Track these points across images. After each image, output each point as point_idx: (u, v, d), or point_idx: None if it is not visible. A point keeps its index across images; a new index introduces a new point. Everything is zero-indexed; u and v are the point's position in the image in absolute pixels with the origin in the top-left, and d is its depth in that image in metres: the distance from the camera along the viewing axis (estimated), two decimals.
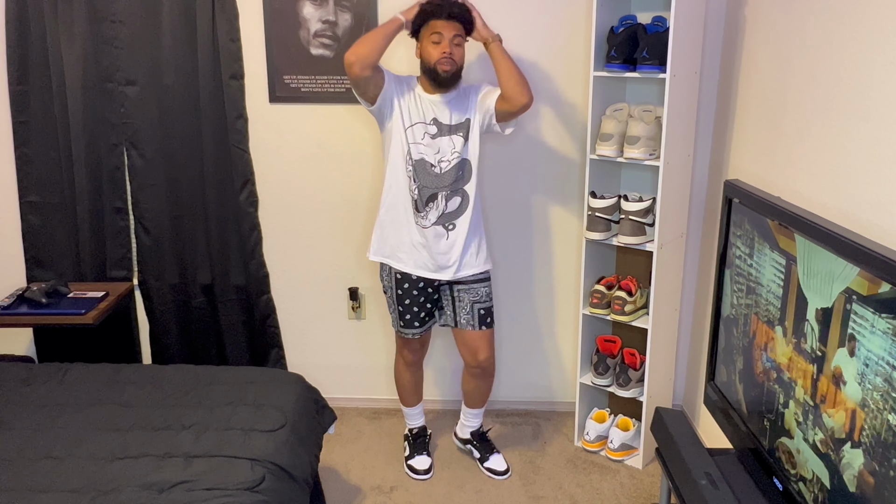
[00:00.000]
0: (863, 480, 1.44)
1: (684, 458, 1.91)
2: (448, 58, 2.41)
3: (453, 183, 2.53)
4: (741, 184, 2.08)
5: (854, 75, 1.79)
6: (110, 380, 2.42)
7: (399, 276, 2.64)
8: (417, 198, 2.54)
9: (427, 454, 2.88)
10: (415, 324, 2.69)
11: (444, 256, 2.58)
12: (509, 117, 2.49)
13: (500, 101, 2.45)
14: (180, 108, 2.97)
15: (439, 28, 2.41)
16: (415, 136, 2.51)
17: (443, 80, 2.44)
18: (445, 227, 2.56)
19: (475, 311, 2.66)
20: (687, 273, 3.03)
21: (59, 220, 3.10)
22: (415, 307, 2.67)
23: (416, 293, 2.65)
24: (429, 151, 2.51)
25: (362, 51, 2.37)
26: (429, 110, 2.51)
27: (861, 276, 1.44)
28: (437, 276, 2.61)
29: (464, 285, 2.64)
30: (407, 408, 2.93)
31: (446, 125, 2.51)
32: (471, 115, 2.52)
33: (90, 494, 1.85)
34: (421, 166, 2.52)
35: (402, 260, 2.61)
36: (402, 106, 2.51)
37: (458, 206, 2.56)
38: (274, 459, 2.01)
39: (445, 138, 2.51)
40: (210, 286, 3.16)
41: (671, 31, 2.43)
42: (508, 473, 2.81)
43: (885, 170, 1.65)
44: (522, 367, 3.25)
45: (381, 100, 2.48)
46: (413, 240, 2.58)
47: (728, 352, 2.13)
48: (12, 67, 2.93)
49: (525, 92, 2.40)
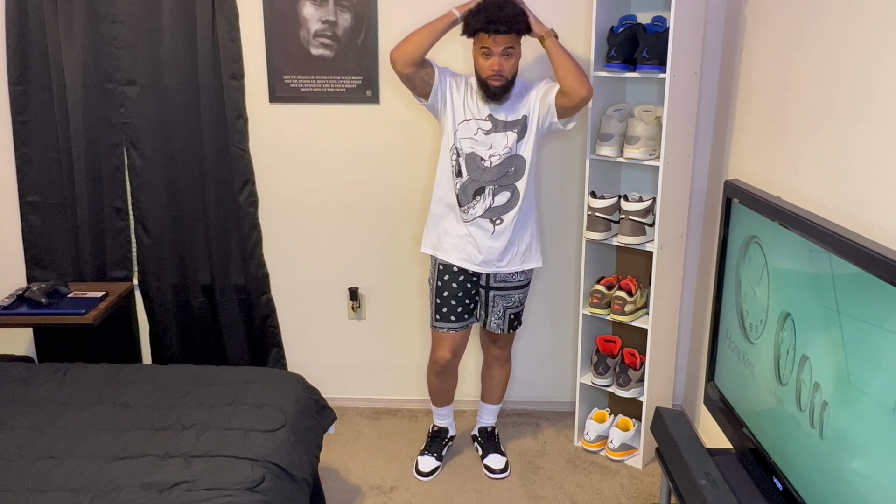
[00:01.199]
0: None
1: (684, 458, 1.91)
2: (497, 74, 2.40)
3: (501, 178, 2.53)
4: (741, 184, 2.08)
5: (854, 75, 1.79)
6: (110, 380, 2.42)
7: (441, 266, 2.65)
8: (460, 192, 2.55)
9: (436, 457, 2.86)
10: (451, 318, 2.67)
11: (489, 250, 2.58)
12: (570, 112, 2.48)
13: (560, 95, 2.44)
14: (180, 108, 2.97)
15: (488, 43, 2.38)
16: (466, 131, 2.52)
17: (494, 93, 2.44)
18: (492, 221, 2.56)
19: (506, 315, 2.71)
20: (687, 273, 3.03)
21: (59, 220, 3.10)
22: (452, 300, 2.66)
23: (456, 286, 2.65)
24: (480, 146, 2.52)
25: (406, 48, 2.40)
26: (484, 106, 2.51)
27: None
28: (479, 269, 2.62)
29: (499, 291, 2.67)
30: (434, 406, 2.94)
31: (501, 121, 2.51)
32: (528, 112, 2.51)
33: (90, 494, 1.85)
34: (471, 160, 2.53)
35: (446, 251, 2.63)
36: (457, 101, 2.51)
37: (506, 201, 2.55)
38: (274, 459, 2.01)
39: (500, 134, 2.51)
40: (210, 286, 3.16)
41: (671, 31, 2.43)
42: (505, 473, 2.81)
43: (885, 170, 1.65)
44: (523, 366, 3.24)
45: (433, 96, 2.50)
46: (458, 232, 2.60)
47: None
48: (12, 67, 2.93)
49: (584, 83, 2.39)
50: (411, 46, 2.40)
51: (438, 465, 2.85)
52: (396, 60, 2.41)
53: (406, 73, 2.43)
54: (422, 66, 2.44)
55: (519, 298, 2.71)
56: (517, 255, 2.62)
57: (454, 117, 2.52)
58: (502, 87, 2.43)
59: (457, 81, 2.53)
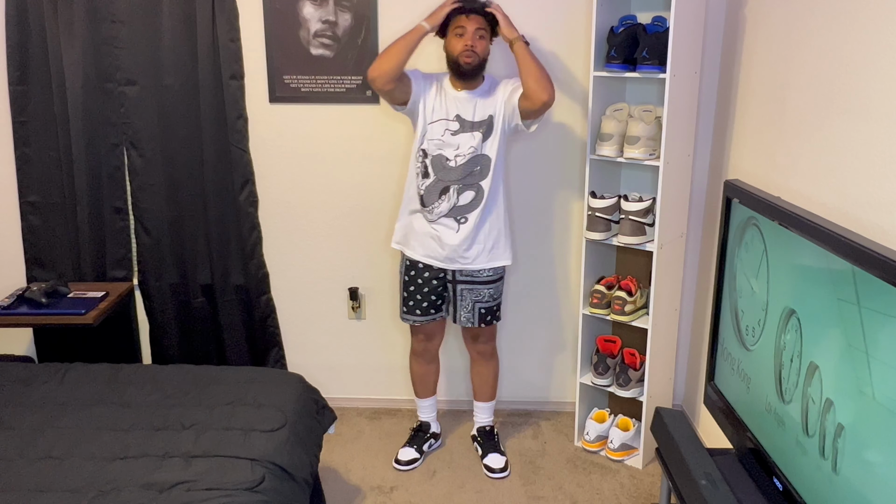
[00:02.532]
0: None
1: (684, 458, 1.91)
2: (470, 50, 2.47)
3: (466, 177, 2.56)
4: (741, 184, 2.08)
5: (854, 75, 1.79)
6: (110, 380, 2.41)
7: (408, 262, 2.72)
8: (424, 193, 2.60)
9: (416, 449, 2.90)
10: (416, 311, 2.75)
11: (453, 248, 2.61)
12: (532, 115, 2.52)
13: (522, 98, 2.48)
14: (180, 108, 2.97)
15: (462, 22, 2.48)
16: (434, 132, 2.56)
17: (465, 71, 2.51)
18: (457, 220, 2.60)
19: (476, 309, 2.71)
20: (687, 273, 3.03)
21: (59, 220, 3.10)
22: (418, 295, 2.72)
23: (421, 282, 2.71)
24: (446, 147, 2.56)
25: (384, 66, 2.44)
26: (453, 107, 2.56)
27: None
28: (444, 265, 2.66)
29: (467, 285, 2.68)
30: (416, 398, 2.98)
31: (469, 121, 2.55)
32: (494, 111, 2.55)
33: (90, 494, 1.84)
34: (438, 161, 2.57)
35: (413, 248, 2.69)
36: (427, 103, 2.56)
37: (471, 199, 2.59)
38: (274, 459, 2.01)
39: (466, 134, 2.55)
40: (210, 286, 3.16)
41: (671, 31, 2.43)
42: (504, 473, 2.81)
43: (885, 170, 1.65)
44: (523, 367, 3.25)
45: (412, 103, 2.56)
46: (424, 230, 2.64)
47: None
48: (12, 67, 2.93)
49: (545, 88, 2.42)
50: (389, 64, 2.44)
51: (418, 458, 2.88)
52: (377, 79, 2.44)
53: (388, 89, 2.47)
54: (399, 79, 2.48)
55: (489, 294, 2.71)
56: (483, 253, 2.64)
57: (425, 119, 2.57)
58: (474, 65, 2.49)
59: (429, 83, 2.58)
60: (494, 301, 2.74)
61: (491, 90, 2.59)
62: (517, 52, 2.48)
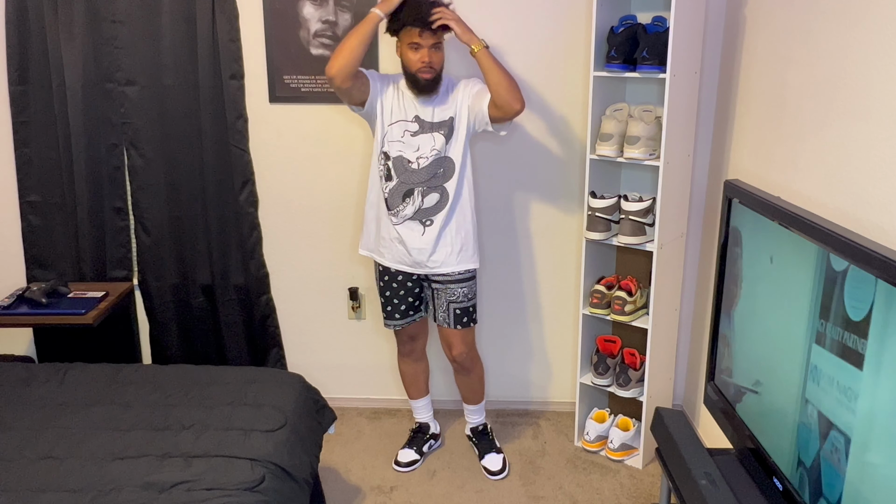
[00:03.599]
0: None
1: (684, 458, 1.91)
2: (427, 66, 2.41)
3: (430, 179, 2.53)
4: (741, 184, 2.08)
5: (854, 75, 1.79)
6: (110, 380, 2.42)
7: (381, 268, 2.71)
8: (388, 196, 2.57)
9: (416, 451, 2.89)
10: (395, 316, 2.74)
11: (419, 251, 2.59)
12: (503, 121, 2.49)
13: (492, 107, 2.44)
14: (180, 108, 2.97)
15: (416, 38, 2.39)
16: (393, 134, 2.53)
17: (424, 86, 2.45)
18: (422, 223, 2.57)
19: (451, 310, 2.68)
20: (687, 273, 3.03)
21: (59, 220, 3.10)
22: (395, 300, 2.72)
23: (396, 286, 2.70)
24: (407, 149, 2.53)
25: (341, 62, 2.35)
26: (411, 108, 2.52)
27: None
28: (413, 270, 2.64)
29: (440, 284, 2.66)
30: (410, 400, 2.97)
31: (428, 122, 2.52)
32: (455, 113, 2.52)
33: (90, 494, 1.85)
34: (399, 163, 2.54)
35: (382, 255, 2.67)
36: (385, 105, 2.52)
37: (435, 202, 2.56)
38: (274, 459, 2.01)
39: (427, 135, 2.52)
40: (210, 286, 3.16)
41: (671, 31, 2.43)
42: (502, 474, 2.80)
43: (885, 170, 1.65)
44: (522, 367, 3.25)
45: (369, 104, 2.51)
46: (390, 235, 2.61)
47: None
48: (12, 67, 2.93)
49: (516, 98, 2.38)
50: (345, 58, 2.35)
51: (418, 459, 2.88)
52: (335, 77, 2.36)
53: (346, 87, 2.40)
54: (357, 77, 2.42)
55: (463, 293, 2.66)
56: (450, 255, 2.60)
57: (384, 121, 2.53)
58: (432, 79, 2.45)
59: (385, 84, 2.54)
60: (469, 301, 2.69)
61: (448, 90, 2.53)
62: (482, 62, 2.38)
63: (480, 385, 2.90)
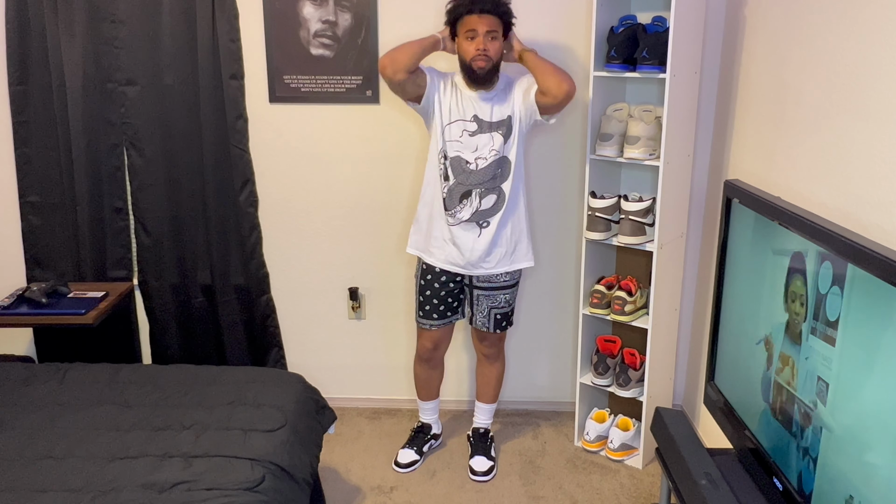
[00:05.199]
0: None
1: (684, 458, 1.91)
2: (483, 54, 2.42)
3: (489, 181, 2.53)
4: (741, 184, 2.08)
5: (854, 75, 1.79)
6: (110, 380, 2.42)
7: (425, 266, 2.69)
8: (447, 196, 2.56)
9: (416, 451, 2.89)
10: (433, 315, 2.72)
11: (473, 253, 2.58)
12: (553, 109, 2.49)
13: (540, 95, 2.45)
14: (180, 108, 2.97)
15: (473, 24, 2.41)
16: (452, 133, 2.52)
17: (478, 76, 2.45)
18: (479, 224, 2.57)
19: (492, 315, 2.70)
20: (687, 273, 3.03)
21: (59, 220, 3.10)
22: (434, 299, 2.69)
23: (438, 286, 2.68)
24: (465, 149, 2.52)
25: (398, 56, 2.41)
26: (469, 107, 2.52)
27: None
28: (464, 271, 2.63)
29: (483, 291, 2.67)
30: (419, 400, 2.97)
31: (487, 122, 2.52)
32: (512, 111, 2.52)
33: (90, 494, 1.84)
34: (457, 163, 2.53)
35: (433, 254, 2.65)
36: (444, 104, 2.52)
37: (493, 203, 2.56)
38: (274, 459, 2.01)
39: (485, 135, 2.51)
40: (210, 286, 3.16)
41: (671, 31, 2.43)
42: (487, 477, 2.79)
43: (885, 170, 1.65)
44: (522, 367, 3.25)
45: (426, 100, 2.51)
46: (444, 235, 2.60)
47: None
48: (12, 67, 2.92)
49: (565, 81, 2.40)
50: (403, 56, 2.41)
51: (418, 459, 2.87)
52: (388, 66, 2.41)
53: (396, 79, 2.43)
54: (413, 72, 2.45)
55: (506, 299, 2.70)
56: (504, 256, 2.62)
57: (442, 120, 2.53)
58: (487, 69, 2.44)
59: (444, 82, 2.55)
60: (510, 306, 2.74)
61: (507, 89, 2.54)
62: (528, 62, 2.46)
63: (499, 383, 2.92)
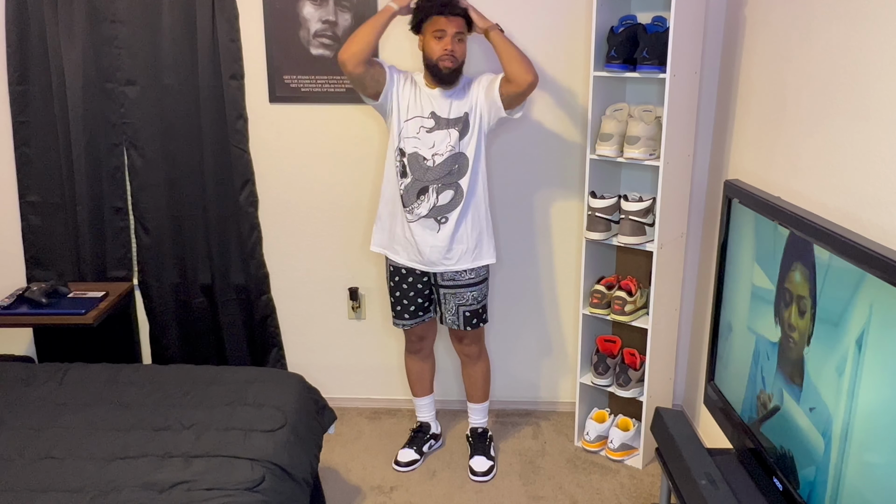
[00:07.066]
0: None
1: (684, 458, 1.91)
2: (450, 55, 2.45)
3: (445, 176, 2.54)
4: (741, 184, 2.08)
5: (854, 75, 1.79)
6: (110, 380, 2.42)
7: (392, 267, 2.71)
8: (404, 193, 2.58)
9: (416, 451, 2.89)
10: (405, 315, 2.75)
11: (432, 249, 2.59)
12: (517, 100, 2.50)
13: (505, 83, 2.46)
14: (180, 108, 2.97)
15: (442, 25, 2.45)
16: (409, 130, 2.54)
17: (445, 76, 2.49)
18: (437, 220, 2.58)
19: (460, 313, 2.69)
20: (687, 273, 3.03)
21: (59, 220, 3.10)
22: (404, 300, 2.72)
23: (406, 287, 2.70)
24: (422, 145, 2.54)
25: (353, 48, 2.42)
26: (427, 104, 2.54)
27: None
28: (426, 268, 2.64)
29: (449, 289, 2.67)
30: (414, 398, 2.98)
31: (444, 118, 2.54)
32: (470, 108, 2.54)
33: (90, 494, 1.85)
34: (414, 160, 2.55)
35: (396, 252, 2.67)
36: (402, 100, 2.54)
37: (450, 199, 2.57)
38: (274, 459, 2.01)
39: (442, 132, 2.53)
40: (210, 286, 3.16)
41: (671, 31, 2.43)
42: (486, 477, 2.79)
43: (885, 170, 1.65)
44: (523, 367, 3.25)
45: (384, 96, 2.53)
46: (404, 233, 2.62)
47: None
48: (12, 67, 2.93)
49: (529, 69, 2.41)
50: (358, 45, 2.42)
51: (418, 459, 2.88)
52: (347, 61, 2.41)
53: (357, 73, 2.44)
54: (371, 65, 2.47)
55: (473, 296, 2.69)
56: (466, 253, 2.62)
57: (399, 116, 2.55)
58: (453, 69, 2.48)
59: (404, 79, 2.57)
60: (479, 303, 2.71)
61: (466, 87, 2.57)
62: (494, 41, 2.47)
63: (485, 382, 2.91)
